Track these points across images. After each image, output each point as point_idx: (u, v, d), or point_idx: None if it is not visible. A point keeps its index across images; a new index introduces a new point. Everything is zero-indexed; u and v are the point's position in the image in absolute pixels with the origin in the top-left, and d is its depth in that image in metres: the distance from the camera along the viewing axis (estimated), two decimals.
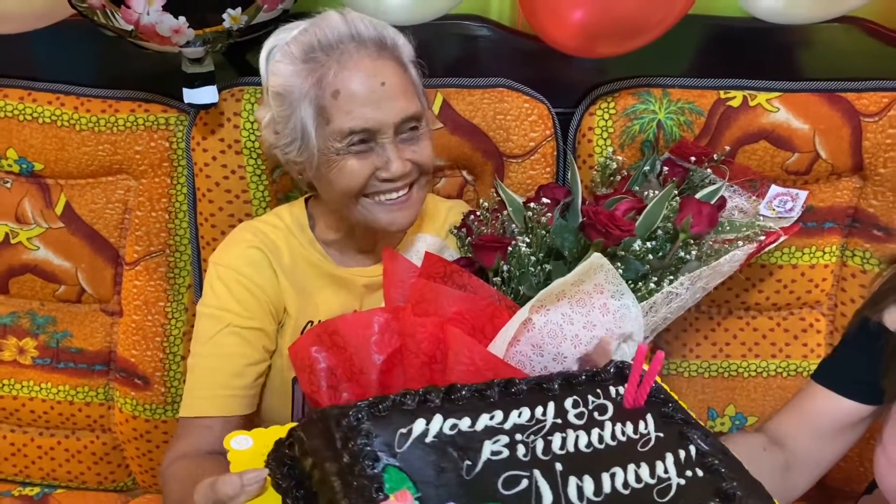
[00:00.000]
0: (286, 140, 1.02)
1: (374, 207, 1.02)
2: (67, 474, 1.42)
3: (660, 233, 1.05)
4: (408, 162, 1.00)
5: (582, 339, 0.95)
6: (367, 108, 0.97)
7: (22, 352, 1.37)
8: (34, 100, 1.29)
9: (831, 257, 1.29)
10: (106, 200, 1.33)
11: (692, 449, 0.76)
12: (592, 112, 1.25)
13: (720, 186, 1.13)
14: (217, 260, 1.08)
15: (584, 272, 0.94)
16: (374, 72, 0.97)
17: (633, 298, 0.97)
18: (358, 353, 0.97)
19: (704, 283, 1.07)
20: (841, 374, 1.00)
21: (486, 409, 0.74)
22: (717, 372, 1.33)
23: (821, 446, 1.00)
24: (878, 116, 1.22)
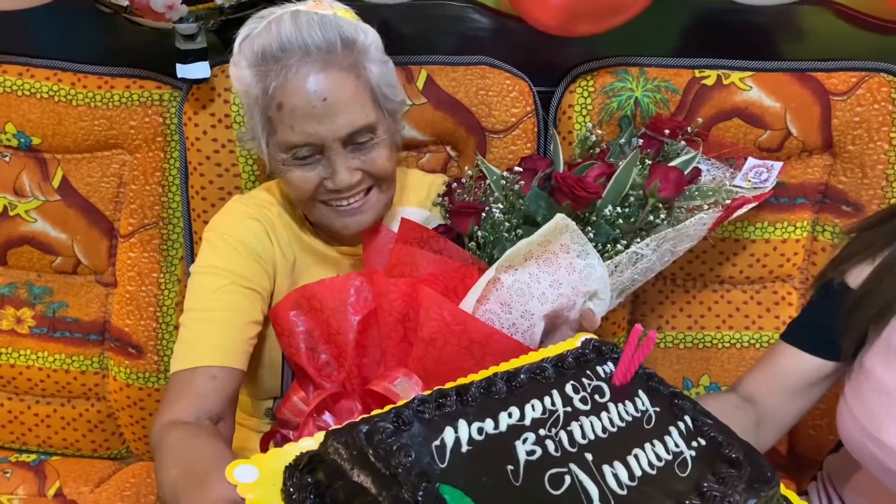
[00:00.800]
0: (248, 136, 1.05)
1: (328, 212, 1.03)
2: (63, 441, 1.46)
3: (631, 199, 1.08)
4: (357, 172, 1.00)
5: (548, 297, 0.99)
6: (309, 123, 0.96)
7: (19, 321, 1.41)
8: (32, 76, 1.33)
9: (802, 232, 1.33)
10: (101, 174, 1.37)
11: (687, 420, 0.79)
12: (572, 90, 1.29)
13: (694, 156, 1.17)
14: (215, 228, 1.08)
15: (548, 232, 0.97)
16: (317, 86, 0.96)
17: (598, 258, 1.01)
18: (334, 316, 1.00)
19: (671, 246, 1.10)
20: (807, 333, 1.04)
21: (502, 407, 0.72)
22: (692, 343, 1.37)
23: (788, 403, 1.04)
24: (847, 95, 1.26)
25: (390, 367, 0.98)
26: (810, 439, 1.37)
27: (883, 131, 1.25)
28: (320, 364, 1.01)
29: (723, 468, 0.74)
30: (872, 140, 1.26)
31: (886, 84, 1.25)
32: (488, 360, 0.94)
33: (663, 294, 1.37)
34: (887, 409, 0.93)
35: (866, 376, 0.97)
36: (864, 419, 0.95)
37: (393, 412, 0.68)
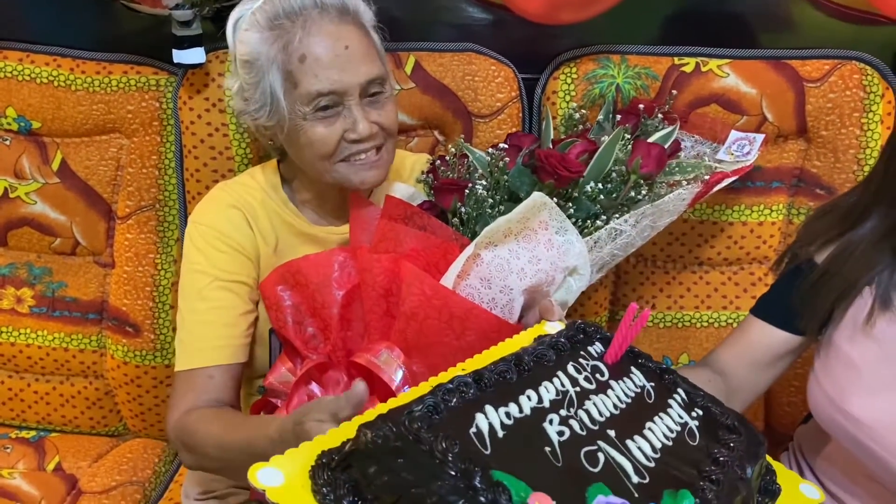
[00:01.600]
0: (255, 106, 1.06)
1: (346, 169, 1.06)
2: (62, 418, 1.50)
3: (613, 175, 1.11)
4: (374, 124, 1.04)
5: (527, 272, 1.01)
6: (333, 70, 1.01)
7: (19, 301, 1.45)
8: (32, 61, 1.36)
9: (778, 215, 1.38)
10: (100, 157, 1.41)
11: (681, 392, 0.83)
12: (556, 77, 1.33)
13: (672, 130, 1.20)
14: (197, 219, 1.12)
15: (527, 210, 1.01)
16: (338, 36, 1.02)
17: (577, 234, 1.05)
18: (319, 290, 1.04)
19: (651, 222, 1.14)
20: (775, 308, 1.08)
21: (519, 391, 0.74)
22: (671, 322, 1.42)
23: (757, 374, 1.09)
24: (820, 82, 1.30)
25: (373, 340, 1.01)
26: (785, 415, 1.42)
27: (854, 117, 1.30)
28: (307, 337, 1.05)
29: (724, 435, 0.79)
30: (844, 125, 1.31)
31: (858, 71, 1.30)
32: (468, 334, 0.97)
33: (644, 275, 1.42)
34: (853, 382, 0.98)
35: (835, 352, 1.01)
36: (832, 392, 0.99)
37: (420, 402, 0.67)
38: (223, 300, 1.08)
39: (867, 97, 1.29)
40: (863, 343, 0.98)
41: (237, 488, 1.19)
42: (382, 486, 0.62)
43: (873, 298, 0.99)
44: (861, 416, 0.96)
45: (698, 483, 0.70)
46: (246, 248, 1.11)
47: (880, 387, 0.96)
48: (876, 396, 0.96)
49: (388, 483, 0.62)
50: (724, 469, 0.73)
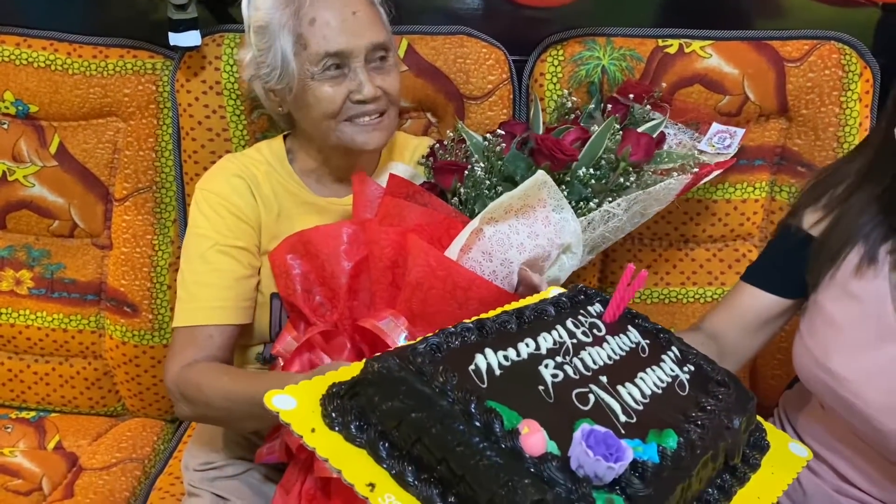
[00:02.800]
0: (267, 70, 1.12)
1: (350, 129, 1.12)
2: (61, 399, 1.52)
3: (603, 162, 1.16)
4: (378, 88, 1.10)
5: (526, 247, 1.06)
6: (341, 33, 1.08)
7: (18, 283, 1.47)
8: (29, 45, 1.38)
9: (761, 192, 1.42)
10: (97, 140, 1.43)
11: (675, 349, 0.88)
12: (544, 59, 1.36)
13: (661, 121, 1.24)
14: (203, 186, 1.17)
15: (529, 187, 1.05)
16: (346, 2, 1.09)
17: (572, 213, 1.09)
18: (329, 261, 1.08)
19: (641, 208, 1.19)
20: (764, 273, 1.13)
21: (518, 339, 0.79)
22: (658, 299, 1.46)
23: (747, 338, 1.13)
24: (800, 62, 1.34)
25: (379, 308, 1.05)
26: (770, 388, 1.46)
27: (833, 95, 1.34)
28: (315, 305, 1.09)
29: (714, 388, 0.83)
30: (824, 104, 1.34)
31: (836, 51, 1.34)
32: (470, 303, 1.01)
33: (631, 253, 1.45)
34: (835, 340, 1.02)
35: (819, 312, 1.05)
36: (816, 351, 1.04)
37: (425, 341, 0.73)
38: (222, 263, 1.13)
39: (846, 76, 1.33)
40: (845, 303, 1.03)
41: (235, 459, 1.22)
42: (386, 411, 0.69)
43: (861, 255, 1.02)
44: (843, 373, 1.00)
45: (683, 425, 0.75)
46: (247, 215, 1.15)
47: (861, 344, 1.00)
48: (856, 353, 1.00)
49: (390, 409, 0.68)
50: (711, 416, 0.77)
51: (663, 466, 0.68)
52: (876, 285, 1.01)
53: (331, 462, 0.67)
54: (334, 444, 0.69)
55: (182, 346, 1.11)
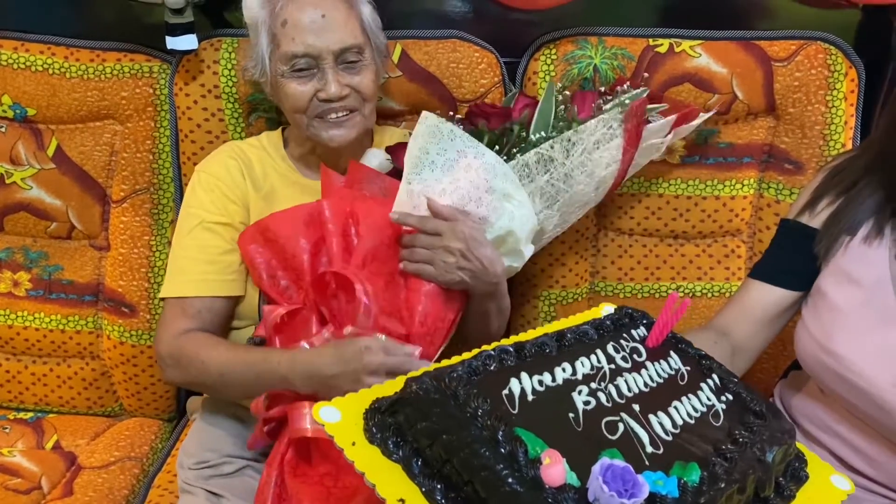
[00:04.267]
0: (252, 63, 1.21)
1: (319, 124, 1.18)
2: (59, 399, 1.53)
3: (562, 127, 1.18)
4: (346, 87, 1.16)
5: (447, 191, 1.11)
6: (309, 35, 1.13)
7: (16, 284, 1.48)
8: (27, 49, 1.40)
9: (749, 189, 1.45)
10: (94, 143, 1.44)
11: (715, 377, 0.88)
12: (537, 58, 1.39)
13: (643, 91, 1.27)
14: (201, 168, 1.26)
15: (427, 133, 1.11)
16: (317, 5, 1.13)
17: (495, 156, 1.12)
18: (288, 243, 1.14)
19: (585, 152, 1.18)
20: (772, 268, 1.16)
21: (556, 363, 0.80)
22: (649, 293, 1.48)
23: (758, 332, 1.15)
24: (787, 62, 1.37)
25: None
26: (759, 382, 1.48)
27: (819, 94, 1.37)
28: (281, 289, 1.15)
29: (750, 419, 0.83)
30: (811, 103, 1.37)
31: (822, 51, 1.37)
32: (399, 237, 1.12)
33: (622, 248, 1.48)
34: (838, 323, 1.05)
35: (821, 297, 1.09)
36: (818, 335, 1.07)
37: (463, 364, 0.76)
38: (208, 239, 1.20)
39: (831, 75, 1.36)
40: (847, 288, 1.06)
41: (230, 457, 1.24)
42: (421, 431, 0.72)
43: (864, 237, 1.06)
44: (846, 354, 1.03)
45: (710, 458, 0.75)
46: (235, 194, 1.22)
47: (864, 327, 1.03)
48: (860, 336, 1.03)
49: (425, 429, 0.72)
50: (742, 449, 0.77)
51: (682, 501, 0.69)
52: (878, 271, 1.04)
53: (367, 476, 0.70)
54: (372, 457, 0.73)
55: (173, 316, 1.18)
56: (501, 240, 1.15)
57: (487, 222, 1.12)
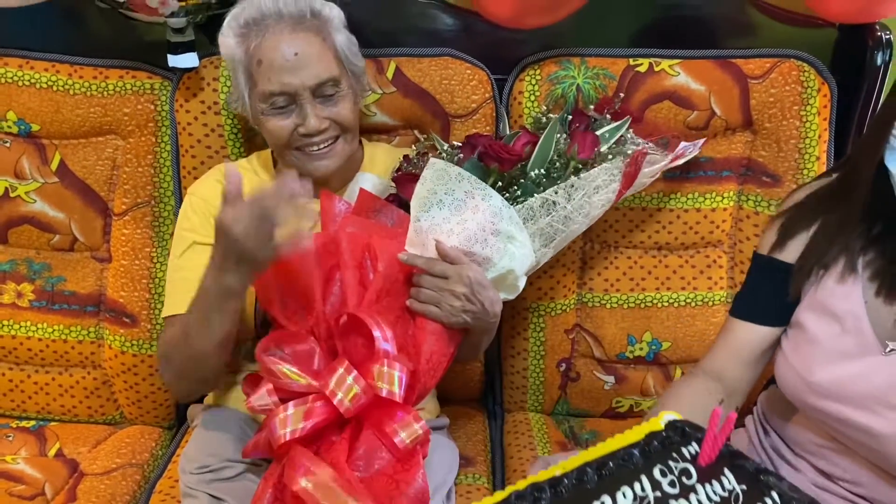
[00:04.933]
0: (233, 98, 1.26)
1: (301, 157, 1.23)
2: (61, 408, 1.57)
3: (558, 164, 1.23)
4: (325, 119, 1.20)
5: (455, 231, 1.16)
6: (284, 74, 1.16)
7: (20, 295, 1.52)
8: (32, 67, 1.45)
9: (729, 202, 1.51)
10: (96, 158, 1.49)
11: (775, 496, 0.81)
12: (522, 78, 1.45)
13: (622, 123, 1.33)
14: (192, 191, 1.32)
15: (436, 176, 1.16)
16: (290, 43, 1.16)
17: (502, 199, 1.17)
18: (301, 271, 1.16)
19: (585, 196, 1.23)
20: (752, 306, 1.16)
21: (594, 497, 0.75)
22: (634, 303, 1.53)
23: (748, 371, 1.16)
24: (762, 79, 1.43)
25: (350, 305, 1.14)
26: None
27: (794, 110, 1.43)
28: (290, 312, 1.17)
29: None
30: (785, 118, 1.44)
31: (796, 69, 1.43)
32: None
33: (608, 260, 1.53)
34: (817, 355, 1.06)
35: (800, 330, 1.10)
36: (799, 367, 1.08)
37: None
38: (200, 259, 1.21)
39: (805, 91, 1.43)
40: (825, 320, 1.07)
41: (231, 462, 1.28)
42: None
43: (840, 271, 1.07)
44: (827, 385, 1.05)
45: None
46: None
47: (842, 357, 1.05)
48: (838, 366, 1.05)
49: None
50: None
51: None
52: (853, 302, 1.06)
53: None
54: None
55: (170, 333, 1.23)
56: (502, 278, 1.20)
57: (490, 262, 1.17)
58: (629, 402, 1.58)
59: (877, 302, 1.05)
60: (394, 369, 1.07)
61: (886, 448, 1.02)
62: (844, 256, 1.07)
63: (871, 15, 1.44)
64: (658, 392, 1.56)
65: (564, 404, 1.61)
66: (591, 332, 1.54)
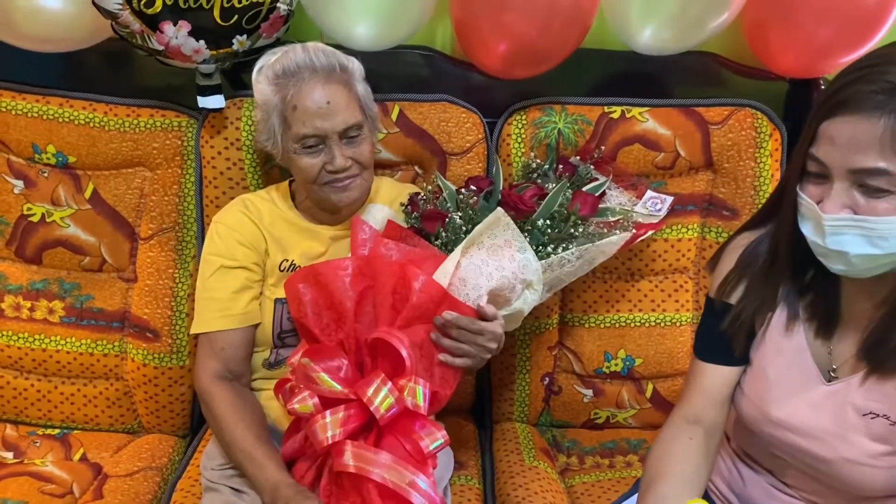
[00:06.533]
0: (264, 137, 1.40)
1: (328, 190, 1.38)
2: (84, 417, 1.69)
3: (557, 216, 1.42)
4: (349, 158, 1.36)
5: (494, 277, 1.30)
6: (317, 119, 1.31)
7: (51, 312, 1.66)
8: (71, 105, 1.60)
9: (693, 233, 1.68)
10: (126, 187, 1.64)
11: None
12: (510, 122, 1.63)
13: (603, 182, 1.51)
14: (217, 219, 1.46)
15: (490, 223, 1.31)
16: (323, 93, 1.32)
17: (534, 254, 1.34)
18: (336, 289, 1.31)
19: (590, 257, 1.43)
20: (713, 349, 1.20)
21: None
22: (610, 324, 1.70)
23: (723, 410, 1.20)
24: (721, 125, 1.62)
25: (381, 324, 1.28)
26: None
27: (749, 152, 1.62)
28: (323, 325, 1.32)
29: None
30: (742, 159, 1.63)
31: (751, 116, 1.62)
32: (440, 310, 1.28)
33: (586, 284, 1.69)
34: (771, 392, 1.14)
35: (752, 369, 1.17)
36: (755, 400, 1.16)
37: None
38: (224, 281, 1.40)
39: (759, 136, 1.62)
40: (774, 358, 1.14)
41: None
42: None
43: (785, 313, 1.14)
44: (778, 415, 1.12)
45: None
46: (249, 240, 1.42)
47: (788, 393, 1.13)
48: (788, 399, 1.12)
49: None
50: None
51: None
52: (797, 340, 1.13)
53: None
54: None
55: (203, 353, 1.40)
56: (511, 315, 1.36)
57: (509, 303, 1.34)
58: (606, 413, 1.74)
59: (816, 341, 1.13)
60: (418, 385, 1.23)
61: (833, 470, 1.10)
62: (785, 301, 1.14)
63: (816, 71, 1.65)
64: (632, 405, 1.72)
65: (548, 415, 1.76)
66: (572, 349, 1.70)
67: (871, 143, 0.92)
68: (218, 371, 1.39)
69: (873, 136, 0.91)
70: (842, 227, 0.97)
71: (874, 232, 0.95)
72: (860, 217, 0.96)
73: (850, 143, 0.94)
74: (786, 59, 1.63)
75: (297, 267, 1.43)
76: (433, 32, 1.72)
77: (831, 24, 1.52)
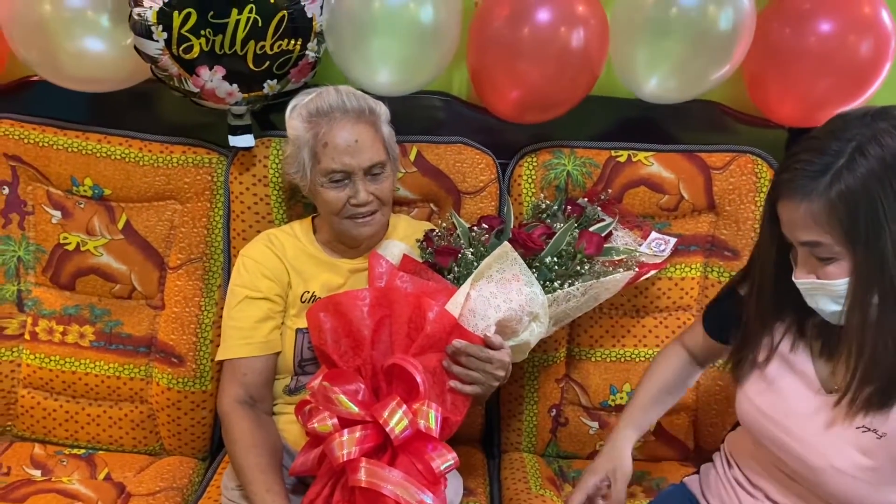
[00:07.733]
0: (293, 170, 1.50)
1: (350, 223, 1.47)
2: (109, 437, 1.76)
3: (564, 254, 1.49)
4: (371, 194, 1.45)
5: (501, 308, 1.38)
6: (345, 156, 1.41)
7: (82, 336, 1.74)
8: (108, 142, 1.70)
9: (696, 272, 1.76)
10: (157, 219, 1.73)
11: None
12: (521, 164, 1.72)
13: (609, 223, 1.59)
14: (244, 253, 1.55)
15: (498, 255, 1.39)
16: (352, 132, 1.41)
17: (540, 288, 1.41)
18: (355, 318, 1.39)
19: (594, 294, 1.50)
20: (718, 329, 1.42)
21: None
22: (616, 358, 1.76)
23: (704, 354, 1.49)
24: (723, 170, 1.71)
25: (396, 352, 1.36)
26: (709, 434, 1.75)
27: (750, 196, 1.70)
28: (342, 352, 1.40)
29: None
30: (743, 202, 1.71)
31: (751, 162, 1.71)
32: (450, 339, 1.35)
33: (593, 320, 1.76)
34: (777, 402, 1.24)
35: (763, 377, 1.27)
36: (765, 409, 1.25)
37: None
38: (249, 311, 1.49)
39: (758, 181, 1.70)
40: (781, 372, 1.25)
41: None
42: None
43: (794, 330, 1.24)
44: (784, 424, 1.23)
45: None
46: (273, 273, 1.51)
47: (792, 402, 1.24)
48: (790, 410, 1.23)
49: None
50: None
51: None
52: (802, 356, 1.23)
53: None
54: None
55: (226, 379, 1.48)
56: (518, 347, 1.44)
57: (516, 334, 1.41)
58: None
59: (820, 358, 1.23)
60: (431, 409, 1.30)
61: (821, 479, 1.17)
62: (794, 320, 1.25)
63: (814, 120, 1.72)
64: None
65: (554, 446, 1.82)
66: (579, 381, 1.77)
67: (804, 221, 1.06)
68: (239, 396, 1.46)
69: (805, 215, 1.05)
70: (810, 290, 1.11)
71: (834, 292, 1.08)
72: (821, 281, 1.09)
73: (791, 222, 1.08)
74: (784, 108, 1.71)
75: (318, 298, 1.51)
76: (450, 78, 1.81)
77: (827, 77, 1.60)
